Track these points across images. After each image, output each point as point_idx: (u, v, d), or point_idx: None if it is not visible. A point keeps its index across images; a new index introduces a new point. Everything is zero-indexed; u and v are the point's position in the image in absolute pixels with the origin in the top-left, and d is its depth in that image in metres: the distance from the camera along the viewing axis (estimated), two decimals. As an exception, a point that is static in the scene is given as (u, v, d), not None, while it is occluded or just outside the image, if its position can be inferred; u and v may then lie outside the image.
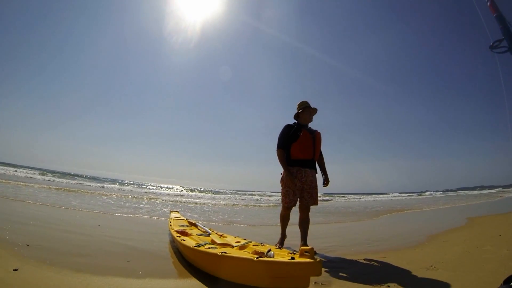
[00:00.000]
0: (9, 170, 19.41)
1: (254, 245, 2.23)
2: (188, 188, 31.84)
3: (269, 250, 1.79)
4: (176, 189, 28.76)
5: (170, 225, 3.43)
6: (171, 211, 4.92)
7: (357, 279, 2.12)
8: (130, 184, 25.96)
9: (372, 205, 14.40)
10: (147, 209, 6.99)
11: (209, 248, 2.07)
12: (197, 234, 2.88)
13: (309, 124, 3.35)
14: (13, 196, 6.49)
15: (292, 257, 1.55)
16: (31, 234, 2.97)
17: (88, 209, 5.80)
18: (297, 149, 3.12)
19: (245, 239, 2.52)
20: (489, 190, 33.34)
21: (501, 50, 1.75)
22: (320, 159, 3.39)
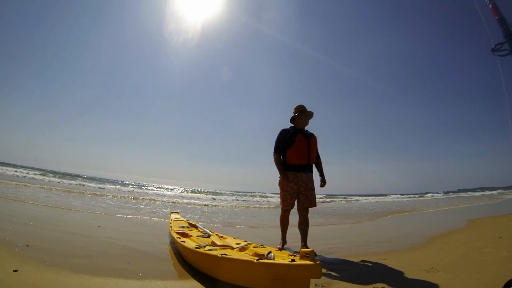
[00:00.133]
0: (9, 170, 19.44)
1: (254, 247, 2.23)
2: (188, 189, 31.79)
3: (270, 252, 1.78)
4: (176, 190, 28.73)
5: (170, 227, 3.42)
6: (171, 212, 4.91)
7: (357, 281, 2.12)
8: (130, 185, 25.96)
9: (373, 207, 14.39)
10: (147, 210, 7.00)
11: (209, 250, 2.07)
12: (197, 236, 2.87)
13: (306, 126, 3.36)
14: (13, 196, 6.50)
15: (293, 259, 1.55)
16: (31, 235, 2.97)
17: (88, 210, 5.81)
18: (293, 155, 3.19)
19: (246, 241, 2.51)
20: (490, 192, 33.22)
21: (503, 53, 1.75)
22: (317, 161, 3.42)
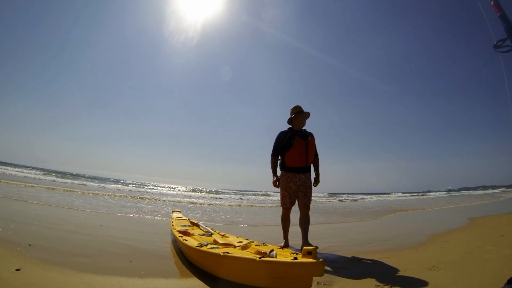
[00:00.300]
0: (10, 170, 19.53)
1: (256, 245, 2.23)
2: (190, 188, 31.86)
3: (272, 250, 1.78)
4: (178, 189, 28.79)
5: (172, 225, 3.42)
6: (173, 211, 4.92)
7: (359, 279, 2.12)
8: (132, 184, 26.03)
9: (375, 205, 14.38)
10: (149, 209, 7.01)
11: (211, 248, 2.07)
12: (199, 234, 2.87)
13: (304, 126, 3.40)
14: (15, 196, 6.52)
15: (295, 257, 1.55)
16: (33, 234, 2.98)
17: (90, 209, 5.83)
18: (291, 158, 3.27)
19: (248, 239, 2.51)
20: (493, 190, 33.02)
21: (505, 49, 1.74)
22: (315, 160, 3.44)
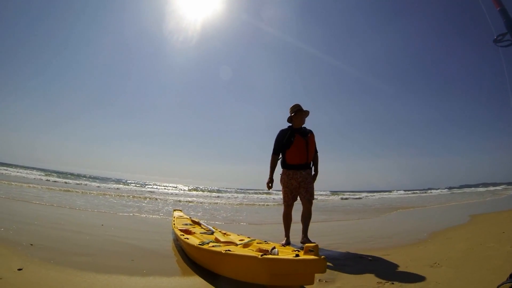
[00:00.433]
0: (11, 171, 19.57)
1: (258, 243, 2.23)
2: (191, 187, 31.89)
3: (273, 248, 1.78)
4: (179, 188, 28.83)
5: (174, 224, 3.43)
6: (174, 210, 4.93)
7: (361, 276, 2.12)
8: (133, 184, 26.07)
9: (376, 203, 14.39)
10: (150, 208, 7.02)
11: (213, 246, 2.07)
12: (200, 233, 2.87)
13: (303, 124, 3.44)
14: (17, 197, 6.54)
15: (297, 255, 1.54)
16: (34, 234, 2.99)
17: (91, 208, 5.84)
18: (292, 155, 3.34)
19: (249, 237, 2.51)
20: (494, 187, 32.90)
21: (505, 43, 1.74)
22: (315, 157, 3.51)
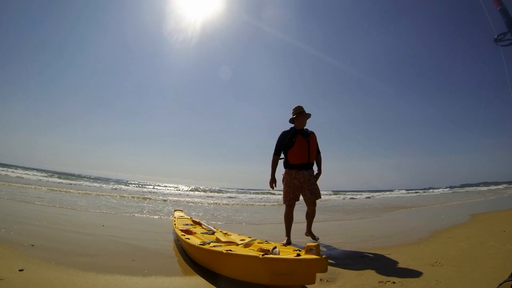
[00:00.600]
0: (12, 172, 19.59)
1: (259, 242, 2.23)
2: (192, 187, 31.91)
3: (275, 248, 1.78)
4: (180, 188, 28.84)
5: (174, 224, 3.43)
6: (174, 210, 4.94)
7: (362, 275, 2.12)
8: (134, 184, 26.09)
9: (377, 202, 14.37)
10: (151, 209, 7.03)
11: (214, 246, 2.07)
12: (201, 233, 2.88)
13: (305, 126, 3.49)
14: (18, 197, 6.54)
15: (298, 254, 1.54)
16: (36, 234, 2.99)
17: (92, 209, 5.84)
18: (294, 155, 3.40)
19: (250, 237, 2.51)
20: (496, 186, 32.74)
21: (506, 43, 1.74)
22: (317, 156, 3.60)
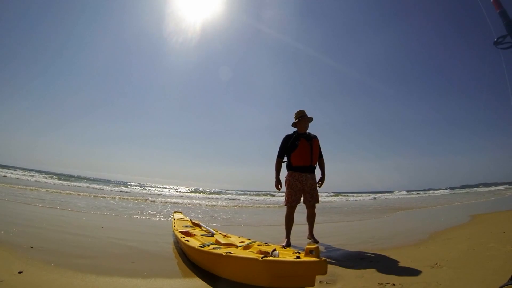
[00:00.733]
0: (12, 173, 19.55)
1: (258, 245, 2.23)
2: (191, 189, 31.85)
3: (274, 250, 1.78)
4: (180, 190, 28.80)
5: (174, 226, 3.43)
6: (174, 212, 4.92)
7: (362, 277, 2.12)
8: (133, 186, 26.05)
9: (377, 204, 14.37)
10: (150, 210, 7.01)
11: (213, 249, 2.07)
12: (201, 235, 2.87)
13: (307, 129, 3.55)
14: (17, 199, 6.53)
15: (297, 257, 1.54)
16: (35, 236, 2.98)
17: (91, 211, 5.83)
18: (297, 158, 3.46)
19: (250, 239, 2.51)
20: (496, 187, 32.70)
21: (505, 46, 1.74)
22: (320, 160, 3.66)
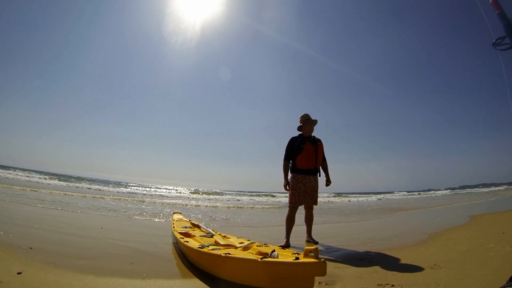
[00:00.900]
0: (11, 174, 19.53)
1: (257, 245, 2.23)
2: (191, 190, 31.82)
3: (273, 251, 1.78)
4: (179, 190, 28.78)
5: (173, 227, 3.42)
6: (173, 213, 4.91)
7: (361, 278, 2.12)
8: (132, 186, 26.02)
9: (376, 205, 14.36)
10: (149, 211, 7.00)
11: (212, 249, 2.07)
12: (200, 236, 2.87)
13: (312, 132, 3.67)
14: (16, 199, 6.52)
15: (297, 257, 1.54)
16: (34, 237, 2.98)
17: (91, 211, 5.83)
18: (302, 160, 3.57)
19: (249, 240, 2.51)
20: (496, 188, 32.70)
21: (504, 47, 1.75)
22: (324, 163, 3.79)
